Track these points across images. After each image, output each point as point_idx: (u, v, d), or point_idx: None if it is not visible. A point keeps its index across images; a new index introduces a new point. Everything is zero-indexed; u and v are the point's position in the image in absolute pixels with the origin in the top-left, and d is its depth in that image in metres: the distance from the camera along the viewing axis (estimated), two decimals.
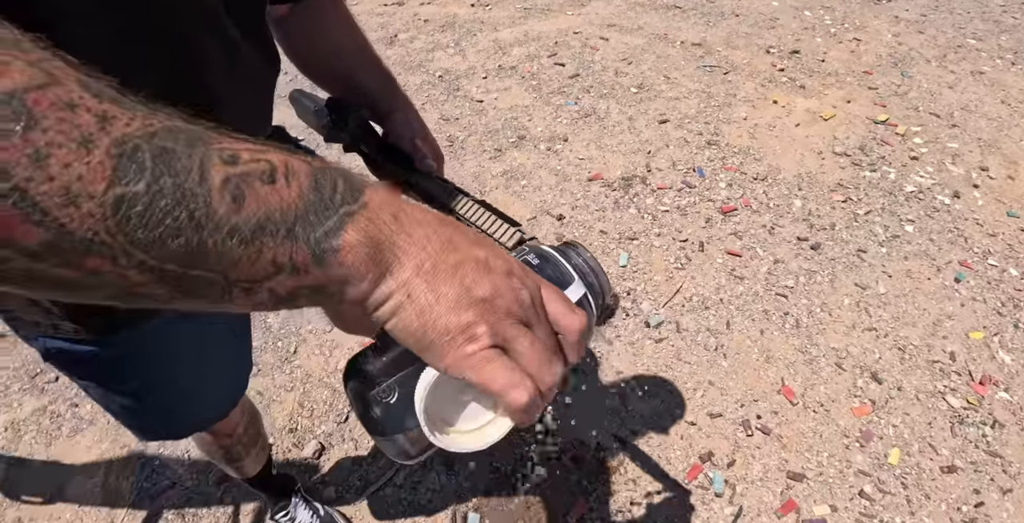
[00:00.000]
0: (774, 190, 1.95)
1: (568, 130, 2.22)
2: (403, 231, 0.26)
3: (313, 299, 0.26)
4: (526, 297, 0.29)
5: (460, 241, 0.28)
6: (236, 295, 0.24)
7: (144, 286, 0.22)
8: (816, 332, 1.56)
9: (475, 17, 3.10)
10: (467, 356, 0.27)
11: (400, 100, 0.64)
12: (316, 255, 0.24)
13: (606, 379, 1.44)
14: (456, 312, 0.26)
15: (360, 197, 0.26)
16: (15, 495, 1.38)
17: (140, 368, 0.63)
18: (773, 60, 2.63)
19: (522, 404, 0.27)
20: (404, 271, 0.26)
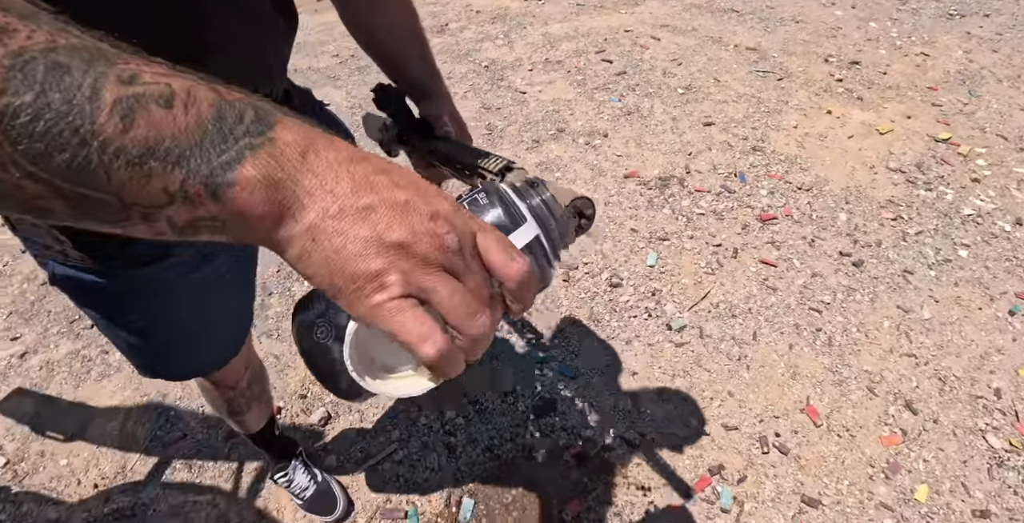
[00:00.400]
0: (819, 202, 1.84)
1: (609, 126, 2.15)
2: (310, 170, 0.24)
3: (217, 233, 0.24)
4: (452, 242, 0.26)
5: (378, 182, 0.25)
6: (135, 220, 0.23)
7: (43, 199, 0.21)
8: (849, 352, 1.45)
9: (527, 10, 3.06)
10: (375, 306, 0.24)
11: (439, 88, 0.68)
12: (209, 188, 0.22)
13: (620, 378, 1.38)
14: (364, 259, 0.24)
15: (267, 131, 0.24)
16: (41, 430, 1.42)
17: (142, 304, 0.63)
18: (831, 69, 2.49)
19: (431, 358, 0.25)
20: (308, 214, 0.24)
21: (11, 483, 1.34)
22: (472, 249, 0.27)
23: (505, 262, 0.27)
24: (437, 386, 0.29)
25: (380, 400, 1.36)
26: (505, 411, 1.33)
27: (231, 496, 1.26)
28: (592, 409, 1.32)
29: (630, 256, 1.65)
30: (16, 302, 1.74)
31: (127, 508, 1.26)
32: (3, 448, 1.41)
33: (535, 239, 0.32)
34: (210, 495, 1.27)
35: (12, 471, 1.36)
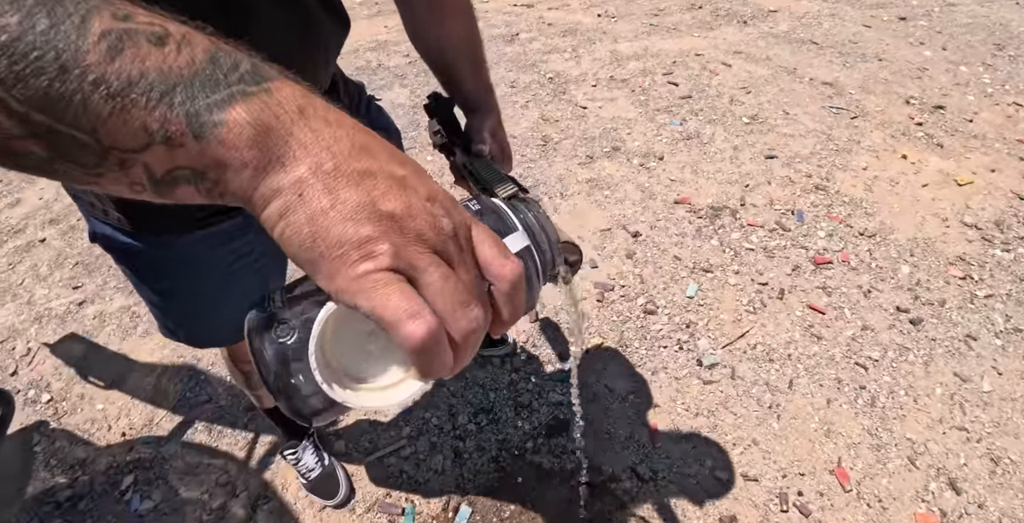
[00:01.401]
0: (881, 250, 1.68)
1: (666, 149, 2.05)
2: (307, 125, 0.22)
3: (195, 185, 0.22)
4: (447, 226, 0.23)
5: (378, 151, 0.23)
6: (111, 166, 0.21)
7: (18, 140, 0.20)
8: (893, 417, 1.30)
9: (598, 27, 2.98)
10: (359, 276, 0.21)
11: (488, 103, 0.66)
12: (193, 126, 0.20)
13: (640, 409, 1.29)
14: (355, 222, 0.21)
15: (264, 82, 0.22)
16: (84, 375, 1.47)
17: (168, 272, 0.64)
18: (911, 112, 2.29)
19: (418, 339, 0.21)
20: (299, 167, 0.21)
21: (51, 419, 1.39)
22: (467, 240, 0.24)
23: (500, 259, 0.25)
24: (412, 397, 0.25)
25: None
26: (518, 424, 1.26)
27: (242, 465, 1.25)
28: (606, 436, 1.24)
29: (669, 284, 1.55)
30: (83, 254, 1.82)
31: (147, 459, 1.28)
32: (50, 386, 1.46)
33: (525, 249, 0.29)
34: (223, 460, 1.27)
35: (54, 408, 1.41)
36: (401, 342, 0.21)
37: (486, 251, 0.25)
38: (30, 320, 1.63)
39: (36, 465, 1.31)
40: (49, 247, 1.88)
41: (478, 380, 1.35)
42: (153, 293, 0.68)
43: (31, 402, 1.43)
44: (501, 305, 0.25)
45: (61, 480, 1.27)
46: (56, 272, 1.77)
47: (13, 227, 1.98)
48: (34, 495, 1.25)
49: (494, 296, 0.25)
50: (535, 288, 0.31)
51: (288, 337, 0.25)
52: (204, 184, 0.22)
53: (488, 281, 0.25)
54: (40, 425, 1.38)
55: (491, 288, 0.25)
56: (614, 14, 3.11)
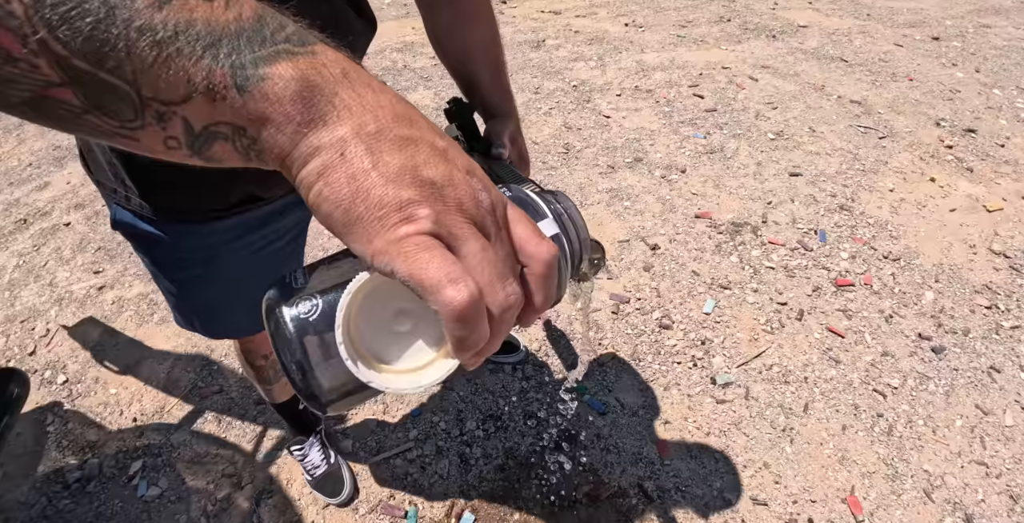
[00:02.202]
0: (905, 275, 1.63)
1: (688, 162, 2.02)
2: (351, 88, 0.21)
3: (235, 144, 0.21)
4: (485, 200, 0.23)
5: (419, 121, 0.23)
6: (148, 121, 0.20)
7: (56, 89, 0.19)
8: (911, 447, 1.26)
9: (625, 36, 2.96)
10: (399, 240, 0.20)
11: (507, 109, 0.65)
12: (238, 78, 0.19)
13: (650, 424, 1.26)
14: (397, 185, 0.20)
15: (308, 45, 0.21)
16: (100, 359, 1.48)
17: (186, 262, 0.63)
18: (942, 134, 2.23)
19: (461, 304, 0.20)
20: (342, 126, 0.21)
21: (65, 400, 1.40)
22: (503, 217, 0.24)
23: (536, 239, 0.24)
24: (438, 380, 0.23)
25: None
26: (526, 433, 1.24)
27: (249, 457, 1.25)
28: (614, 451, 1.21)
29: (686, 299, 1.52)
30: (105, 240, 1.83)
31: (156, 446, 1.28)
32: (66, 367, 1.47)
33: (555, 236, 0.29)
34: (231, 451, 1.26)
35: (69, 389, 1.42)
36: (441, 307, 0.20)
37: (521, 231, 0.24)
38: (51, 302, 1.64)
39: (48, 445, 1.31)
40: (73, 231, 1.90)
41: (488, 386, 1.33)
42: (172, 283, 0.67)
43: (47, 383, 1.44)
44: (534, 288, 0.24)
45: (71, 461, 1.27)
46: (79, 256, 1.79)
47: (40, 210, 2.01)
48: (45, 474, 1.25)
49: (527, 278, 0.24)
50: (564, 278, 0.30)
51: (311, 313, 0.23)
52: (242, 141, 0.21)
53: (522, 263, 0.24)
54: (54, 406, 1.38)
55: (523, 271, 0.24)
56: (642, 24, 3.09)
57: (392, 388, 0.23)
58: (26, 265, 1.78)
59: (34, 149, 2.38)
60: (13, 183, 2.17)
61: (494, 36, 0.64)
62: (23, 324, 1.60)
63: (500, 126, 0.61)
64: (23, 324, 1.60)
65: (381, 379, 0.23)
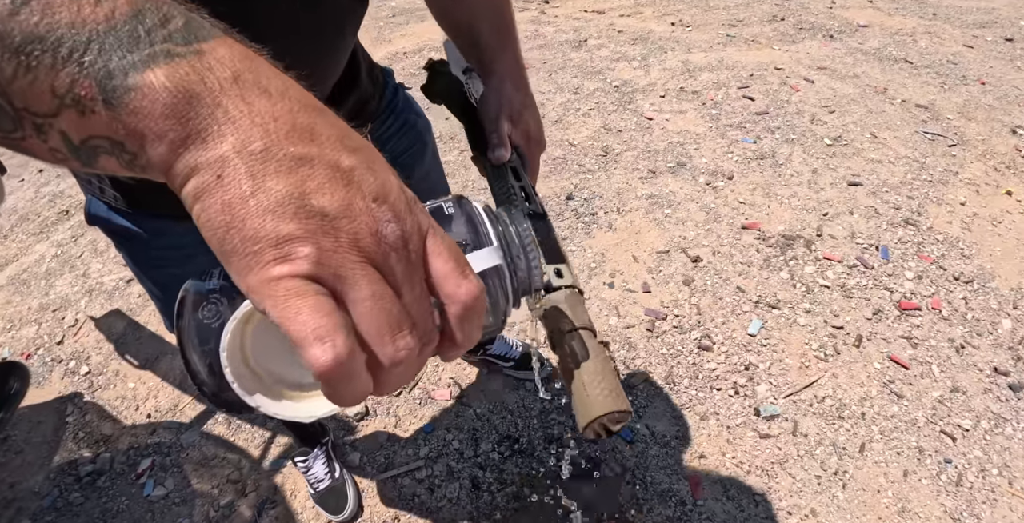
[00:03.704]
0: (978, 300, 1.42)
1: (736, 168, 1.84)
2: (240, 96, 0.18)
3: (116, 158, 0.19)
4: (391, 233, 0.19)
5: (324, 135, 0.19)
6: (28, 132, 0.18)
7: None
8: (983, 500, 1.08)
9: (671, 36, 2.78)
10: (269, 280, 0.17)
11: (506, 61, 0.51)
12: (104, 90, 0.17)
13: (683, 457, 1.11)
14: (276, 217, 0.17)
15: (195, 43, 0.18)
16: (122, 352, 1.45)
17: (163, 259, 0.58)
18: (1018, 143, 1.97)
19: (322, 366, 0.17)
20: (222, 143, 0.18)
21: (86, 391, 1.37)
22: (418, 252, 0.20)
23: (454, 278, 0.21)
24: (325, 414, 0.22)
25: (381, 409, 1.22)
26: (545, 459, 1.12)
27: (255, 464, 1.18)
28: (641, 485, 1.08)
29: (729, 318, 1.36)
30: None
31: (167, 445, 1.23)
32: (90, 359, 1.44)
33: (495, 269, 0.25)
34: (238, 456, 1.20)
35: (90, 381, 1.39)
36: (307, 364, 0.18)
37: (440, 266, 0.21)
38: (82, 292, 1.63)
39: (66, 435, 1.28)
40: None
41: (507, 405, 1.21)
42: (153, 284, 0.62)
43: (71, 373, 1.41)
44: (452, 329, 0.21)
45: (86, 454, 1.24)
46: (112, 248, 1.77)
47: (82, 201, 2.01)
48: (59, 465, 1.22)
49: (444, 319, 0.21)
50: (500, 311, 0.27)
51: (214, 320, 0.22)
52: (124, 156, 0.19)
53: (440, 302, 0.21)
54: (75, 396, 1.36)
55: (442, 309, 0.21)
56: (689, 23, 2.90)
57: (272, 412, 0.22)
58: (63, 255, 1.78)
59: None
60: (60, 175, 2.20)
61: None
62: (55, 313, 1.59)
63: (497, 97, 0.49)
64: (55, 313, 1.59)
65: (265, 402, 0.22)
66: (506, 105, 0.48)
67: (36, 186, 2.14)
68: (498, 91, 0.49)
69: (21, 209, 2.02)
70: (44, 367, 1.43)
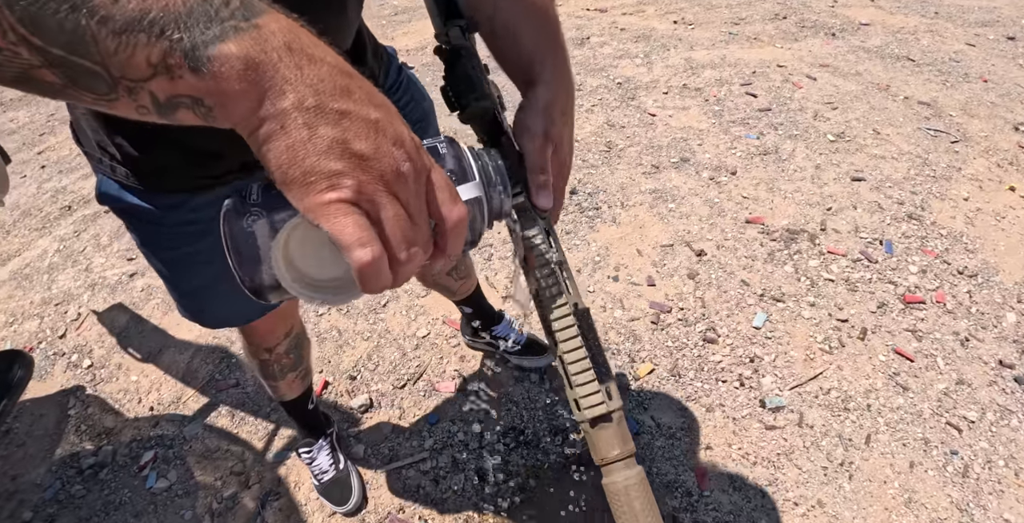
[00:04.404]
0: (982, 293, 1.43)
1: (739, 164, 1.85)
2: (294, 63, 0.23)
3: (195, 112, 0.24)
4: (408, 170, 0.26)
5: (357, 93, 0.25)
6: (121, 93, 0.23)
7: (37, 69, 0.22)
8: (989, 491, 1.08)
9: (674, 33, 2.80)
10: (324, 203, 0.24)
11: (555, 67, 0.43)
12: (189, 60, 0.22)
13: (689, 449, 1.12)
14: (327, 157, 0.24)
15: (253, 18, 0.23)
16: (125, 345, 1.45)
17: (179, 238, 0.58)
18: (1021, 140, 1.98)
19: (365, 263, 0.25)
20: (284, 100, 0.23)
21: (88, 385, 1.37)
22: (424, 183, 0.27)
23: (447, 205, 0.28)
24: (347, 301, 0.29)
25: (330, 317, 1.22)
26: (551, 450, 1.12)
27: (259, 456, 1.18)
28: (647, 475, 1.08)
29: (734, 311, 1.37)
30: None
31: (169, 437, 1.23)
32: (92, 352, 1.45)
33: (475, 199, 0.33)
34: (241, 448, 1.20)
35: (93, 374, 1.39)
36: (351, 262, 0.25)
37: (438, 196, 0.28)
38: (85, 286, 1.63)
39: (68, 428, 1.29)
40: (112, 218, 1.89)
41: (512, 397, 1.22)
42: (163, 264, 0.62)
43: (73, 366, 1.42)
44: (443, 241, 0.29)
45: (88, 446, 1.24)
46: (115, 243, 1.78)
47: (84, 197, 2.02)
48: (62, 457, 1.22)
49: (438, 233, 0.29)
50: (478, 230, 0.34)
51: (255, 225, 0.28)
52: (201, 110, 0.24)
53: (436, 221, 0.28)
54: (77, 389, 1.36)
55: (436, 227, 0.29)
56: (691, 21, 2.92)
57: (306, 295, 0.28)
58: (66, 250, 1.79)
59: None
60: (63, 171, 2.21)
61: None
62: (57, 307, 1.59)
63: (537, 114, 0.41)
64: (57, 307, 1.59)
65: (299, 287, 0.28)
66: (550, 128, 0.42)
67: (38, 182, 2.14)
68: (543, 109, 0.42)
69: (23, 205, 2.02)
70: (46, 361, 1.43)
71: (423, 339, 1.36)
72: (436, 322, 1.40)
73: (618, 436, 0.41)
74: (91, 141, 0.54)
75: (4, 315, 1.60)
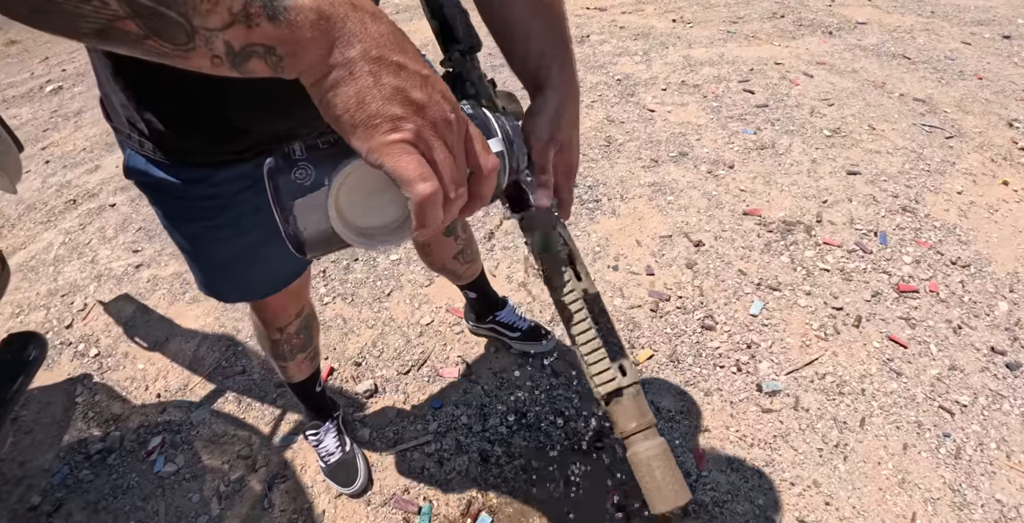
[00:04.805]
0: (975, 283, 1.46)
1: (737, 158, 1.89)
2: (359, 19, 0.26)
3: (266, 61, 0.26)
4: (453, 119, 0.29)
5: (411, 51, 0.28)
6: (199, 43, 0.25)
7: (121, 21, 0.23)
8: (981, 472, 1.11)
9: (672, 32, 2.84)
10: (388, 143, 0.27)
11: (562, 72, 0.46)
12: (268, 9, 0.24)
13: (688, 431, 1.15)
14: (390, 102, 0.27)
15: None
16: (131, 334, 1.47)
17: (204, 212, 0.61)
18: (1015, 135, 2.03)
19: (426, 195, 0.27)
20: (351, 49, 0.26)
21: (95, 373, 1.40)
22: (464, 133, 0.30)
23: (483, 154, 0.31)
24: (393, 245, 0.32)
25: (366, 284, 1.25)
26: (552, 433, 1.15)
27: (265, 440, 1.21)
28: None
29: (731, 300, 1.40)
30: (147, 221, 1.85)
31: (177, 423, 1.26)
32: (99, 341, 1.47)
33: (499, 153, 0.37)
34: (248, 433, 1.23)
35: (100, 362, 1.42)
36: (413, 195, 0.27)
37: (475, 146, 0.31)
38: (91, 278, 1.66)
39: (75, 415, 1.31)
40: (117, 212, 1.93)
41: (515, 381, 1.25)
42: (184, 239, 0.64)
43: (80, 355, 1.44)
44: (477, 189, 0.32)
45: (95, 433, 1.26)
46: (120, 235, 1.81)
47: (89, 191, 2.05)
48: (69, 443, 1.25)
49: (471, 181, 0.32)
50: (502, 182, 0.39)
51: (306, 179, 0.30)
52: (272, 58, 0.26)
53: (471, 169, 0.31)
54: (84, 377, 1.38)
55: (471, 175, 0.32)
56: (690, 20, 2.96)
57: (359, 243, 0.32)
58: (71, 242, 1.82)
59: (89, 135, 2.46)
60: (67, 166, 2.24)
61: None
62: (63, 298, 1.62)
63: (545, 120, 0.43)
64: (63, 298, 1.62)
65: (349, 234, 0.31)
66: (557, 133, 0.44)
67: (43, 177, 2.17)
68: (552, 115, 0.44)
69: (28, 199, 2.05)
70: (53, 350, 1.46)
71: (427, 327, 1.39)
72: (439, 310, 1.43)
73: (635, 409, 0.43)
74: (121, 117, 0.56)
75: (10, 306, 1.62)
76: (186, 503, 1.11)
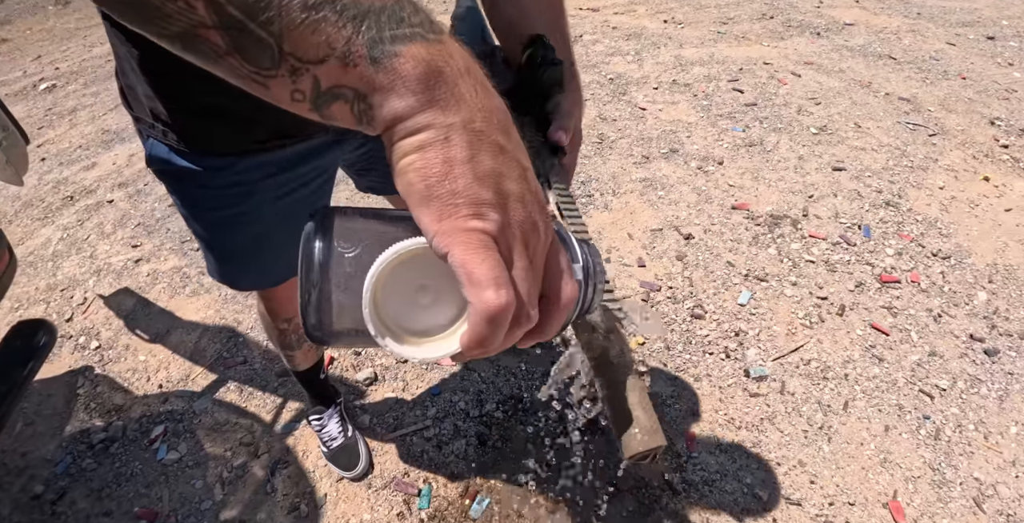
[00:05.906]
0: (955, 274, 1.53)
1: (726, 154, 1.96)
2: (471, 86, 0.23)
3: (352, 107, 0.23)
4: (541, 226, 0.25)
5: (514, 135, 0.25)
6: (282, 72, 0.22)
7: (206, 29, 0.21)
8: (960, 453, 1.17)
9: (664, 32, 2.91)
10: (466, 230, 0.22)
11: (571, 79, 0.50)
12: (372, 51, 0.22)
13: (679, 416, 1.20)
14: (481, 184, 0.22)
15: (439, 35, 0.23)
16: (132, 328, 1.51)
17: (224, 200, 0.63)
18: (996, 133, 2.11)
19: (496, 308, 0.22)
20: (454, 114, 0.22)
21: (96, 365, 1.43)
22: (548, 246, 0.25)
23: (567, 277, 0.26)
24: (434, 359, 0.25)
25: (388, 361, 1.30)
26: (548, 419, 1.20)
27: (267, 427, 1.25)
28: None
29: (720, 290, 1.46)
30: (146, 216, 1.88)
31: (179, 412, 1.29)
32: (100, 334, 1.50)
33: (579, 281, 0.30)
34: (250, 421, 1.26)
35: (100, 355, 1.45)
36: (478, 303, 0.21)
37: (560, 265, 0.26)
38: (90, 273, 1.69)
39: (77, 406, 1.34)
40: (116, 208, 1.96)
41: (511, 369, 1.30)
42: (202, 226, 0.67)
43: (80, 348, 1.47)
44: (547, 318, 0.26)
45: (97, 423, 1.30)
46: (119, 231, 1.85)
47: (87, 188, 2.08)
48: (72, 434, 1.28)
49: (543, 307, 0.25)
50: (570, 319, 0.31)
51: (350, 250, 0.24)
52: (360, 105, 0.23)
53: (544, 292, 0.25)
54: (85, 370, 1.42)
55: (542, 299, 0.25)
56: (681, 21, 3.04)
57: (390, 348, 0.24)
58: (70, 238, 1.85)
59: (84, 133, 2.48)
60: (63, 163, 2.26)
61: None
62: (63, 293, 1.65)
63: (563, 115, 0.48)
64: (63, 293, 1.65)
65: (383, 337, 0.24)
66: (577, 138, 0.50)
67: (39, 174, 2.20)
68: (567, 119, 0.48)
69: (25, 196, 2.08)
70: None
71: None
72: None
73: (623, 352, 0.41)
74: (144, 107, 0.58)
75: (9, 301, 1.65)
76: (190, 489, 1.15)
